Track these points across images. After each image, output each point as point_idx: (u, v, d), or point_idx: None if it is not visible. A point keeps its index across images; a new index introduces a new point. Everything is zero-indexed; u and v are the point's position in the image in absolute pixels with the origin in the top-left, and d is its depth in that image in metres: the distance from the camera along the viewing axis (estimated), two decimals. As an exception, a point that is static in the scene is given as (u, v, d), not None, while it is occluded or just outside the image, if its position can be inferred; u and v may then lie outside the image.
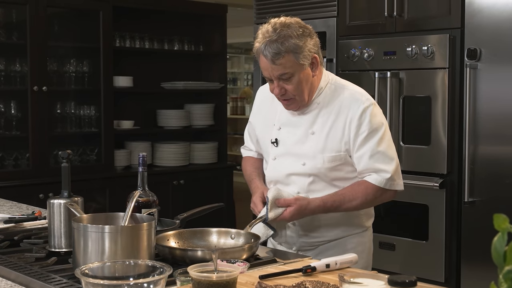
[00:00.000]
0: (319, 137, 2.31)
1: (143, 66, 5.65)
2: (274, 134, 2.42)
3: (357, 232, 2.41)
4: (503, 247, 1.01)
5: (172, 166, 5.59)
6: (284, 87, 2.24)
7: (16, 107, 4.86)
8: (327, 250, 2.36)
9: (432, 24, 3.77)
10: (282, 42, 2.17)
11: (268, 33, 2.21)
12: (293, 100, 2.29)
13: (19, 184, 4.61)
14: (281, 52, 2.17)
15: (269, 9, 4.64)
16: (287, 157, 2.37)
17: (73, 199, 2.01)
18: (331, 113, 2.32)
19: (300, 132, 2.35)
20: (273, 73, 2.22)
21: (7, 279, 1.81)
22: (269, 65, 2.21)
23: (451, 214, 3.71)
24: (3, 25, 4.90)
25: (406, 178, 3.77)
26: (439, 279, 3.65)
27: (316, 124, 2.33)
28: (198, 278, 1.66)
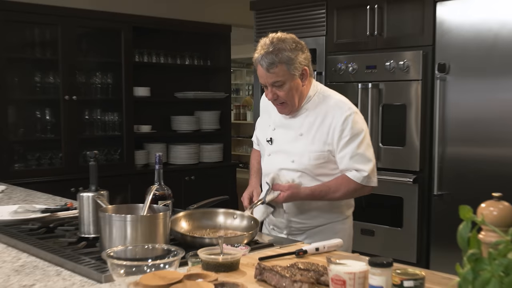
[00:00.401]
0: (306, 138, 2.32)
1: (159, 78, 5.65)
2: (269, 134, 2.44)
3: (339, 219, 2.42)
4: (467, 233, 1.02)
5: (184, 164, 5.60)
6: (276, 93, 2.26)
7: (50, 114, 4.86)
8: (314, 235, 2.36)
9: (408, 42, 3.78)
10: (277, 54, 2.20)
11: (265, 45, 2.24)
12: (285, 105, 2.31)
13: (53, 180, 4.61)
14: (275, 63, 2.20)
15: (267, 29, 4.60)
16: (279, 154, 2.38)
17: (100, 193, 2.02)
18: (317, 118, 2.32)
19: (291, 133, 2.36)
20: (267, 80, 2.25)
21: (44, 260, 1.83)
22: (264, 73, 2.23)
23: (422, 205, 3.72)
24: (39, 43, 4.90)
25: (384, 175, 3.81)
26: (412, 260, 3.66)
27: (304, 126, 2.34)
28: (207, 259, 1.67)
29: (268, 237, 2.17)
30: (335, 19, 4.19)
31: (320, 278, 1.54)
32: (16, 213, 2.42)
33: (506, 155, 3.34)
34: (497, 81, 3.37)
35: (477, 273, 0.94)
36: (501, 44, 3.34)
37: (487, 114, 3.42)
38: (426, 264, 3.64)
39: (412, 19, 3.77)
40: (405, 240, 3.77)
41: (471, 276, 0.95)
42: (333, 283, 1.41)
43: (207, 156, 5.83)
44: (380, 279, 1.33)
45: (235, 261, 1.69)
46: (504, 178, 3.31)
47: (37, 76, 4.83)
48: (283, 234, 2.40)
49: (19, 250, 1.95)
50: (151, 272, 1.48)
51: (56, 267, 1.76)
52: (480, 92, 3.44)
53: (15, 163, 4.70)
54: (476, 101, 3.46)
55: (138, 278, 1.47)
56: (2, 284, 1.60)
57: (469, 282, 0.95)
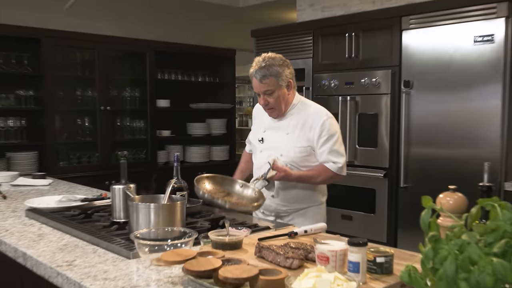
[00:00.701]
0: (291, 136, 2.36)
1: (177, 92, 5.65)
2: (260, 135, 2.49)
3: (316, 204, 2.44)
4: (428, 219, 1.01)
5: (197, 162, 5.60)
6: (267, 100, 2.32)
7: (88, 121, 4.87)
8: (296, 217, 2.40)
9: (379, 63, 3.78)
10: (268, 68, 2.28)
11: (259, 62, 2.31)
12: (274, 110, 2.37)
13: (91, 175, 4.61)
14: (267, 75, 2.27)
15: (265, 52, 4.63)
16: (270, 150, 2.40)
17: (128, 185, 2.01)
18: (300, 120, 2.36)
19: (279, 133, 2.40)
20: (260, 89, 2.31)
21: (83, 240, 1.82)
22: (258, 83, 2.31)
23: (391, 196, 3.72)
24: (79, 63, 4.90)
25: (360, 170, 3.82)
26: (383, 240, 3.66)
27: (290, 127, 2.38)
28: (215, 240, 1.66)
29: (265, 222, 2.16)
30: (320, 44, 4.19)
31: (308, 255, 1.54)
32: (61, 202, 2.41)
33: (459, 154, 3.34)
34: (451, 95, 3.37)
35: (436, 251, 0.94)
36: (455, 64, 3.34)
37: (443, 121, 3.41)
38: (394, 244, 3.63)
39: (382, 44, 3.76)
40: (377, 224, 3.77)
41: (431, 254, 0.94)
42: (319, 259, 1.41)
43: (216, 155, 5.83)
44: (357, 256, 1.33)
45: (239, 241, 1.68)
46: (458, 173, 3.31)
47: (78, 91, 4.84)
48: (272, 217, 2.42)
49: (63, 232, 1.95)
50: (170, 250, 1.48)
51: (93, 246, 1.75)
52: (437, 103, 3.44)
53: (60, 161, 4.70)
54: (434, 110, 3.45)
55: (159, 255, 1.47)
56: (49, 259, 1.59)
57: (430, 258, 0.95)
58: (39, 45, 4.44)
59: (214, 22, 6.21)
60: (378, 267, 1.38)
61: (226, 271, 1.28)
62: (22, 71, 4.47)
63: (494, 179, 3.15)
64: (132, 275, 1.45)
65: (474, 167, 3.23)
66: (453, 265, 0.89)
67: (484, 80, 3.21)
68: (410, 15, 3.58)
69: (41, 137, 4.54)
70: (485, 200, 0.99)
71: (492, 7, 3.17)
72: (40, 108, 4.49)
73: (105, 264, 1.54)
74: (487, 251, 0.91)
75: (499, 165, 3.15)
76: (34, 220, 2.17)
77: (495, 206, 0.97)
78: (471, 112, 3.27)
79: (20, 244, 1.77)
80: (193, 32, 5.99)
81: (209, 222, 2.00)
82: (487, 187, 1.37)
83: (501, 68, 3.14)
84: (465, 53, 3.28)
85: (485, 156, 3.16)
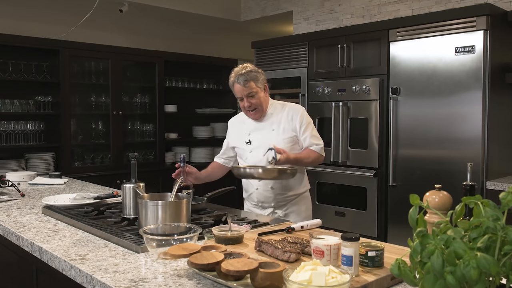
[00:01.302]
0: (277, 131, 2.41)
1: (184, 98, 5.64)
2: (246, 138, 2.49)
3: (303, 192, 2.50)
4: (416, 215, 1.00)
5: (202, 162, 5.55)
6: (250, 101, 2.37)
7: (102, 125, 4.86)
8: (292, 206, 2.45)
9: (368, 71, 3.77)
10: (247, 74, 2.36)
11: (238, 71, 2.38)
12: (257, 110, 2.41)
13: (104, 174, 4.60)
14: (248, 79, 2.35)
15: (264, 63, 4.64)
16: (260, 148, 2.41)
17: (138, 184, 2.00)
18: (281, 117, 2.43)
19: (264, 131, 2.44)
20: (243, 93, 2.36)
21: (95, 235, 1.80)
22: (241, 88, 2.35)
23: (381, 194, 3.70)
24: (94, 72, 4.90)
25: (352, 170, 3.80)
26: (374, 235, 3.64)
27: (274, 124, 2.43)
28: (218, 235, 1.65)
29: (264, 218, 2.14)
30: (314, 55, 4.18)
31: (305, 249, 1.52)
32: (75, 199, 2.39)
33: (443, 155, 3.32)
34: (435, 101, 3.35)
35: (424, 246, 0.93)
36: (438, 73, 3.33)
37: (428, 125, 3.40)
38: (384, 239, 3.61)
39: (372, 55, 3.75)
40: (368, 220, 3.75)
41: (419, 248, 0.93)
42: (314, 253, 1.39)
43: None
44: (350, 250, 1.31)
45: (240, 236, 1.66)
46: (443, 173, 3.29)
47: (93, 97, 4.82)
48: (271, 207, 2.44)
49: (77, 228, 1.93)
50: (177, 245, 1.46)
51: (104, 240, 1.73)
52: (423, 108, 3.42)
53: (75, 161, 4.68)
54: (420, 115, 3.44)
55: (166, 249, 1.45)
56: (62, 253, 1.57)
57: (418, 252, 0.93)
58: (58, 55, 4.44)
59: (218, 34, 6.21)
60: (369, 260, 1.36)
61: (228, 264, 1.26)
62: (41, 79, 4.46)
63: (477, 178, 3.14)
64: (141, 268, 1.43)
65: (458, 167, 3.21)
66: (439, 259, 0.88)
67: (466, 87, 3.19)
68: (397, 28, 3.57)
69: (57, 140, 4.52)
70: (468, 198, 0.98)
71: (472, 20, 3.16)
72: (57, 113, 4.48)
73: (116, 258, 1.52)
74: (471, 246, 0.90)
75: (481, 166, 3.13)
76: (50, 217, 2.15)
77: (478, 204, 0.96)
78: (454, 116, 3.25)
79: (37, 239, 1.75)
80: (199, 43, 5.99)
81: (212, 218, 1.98)
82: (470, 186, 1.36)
83: (481, 76, 3.12)
84: (448, 63, 3.27)
85: (467, 157, 3.15)
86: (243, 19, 5.77)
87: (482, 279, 0.85)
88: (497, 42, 3.17)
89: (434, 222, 1.13)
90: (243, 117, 2.53)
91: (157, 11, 5.24)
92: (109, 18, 5.18)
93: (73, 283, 1.47)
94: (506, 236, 0.90)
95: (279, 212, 2.45)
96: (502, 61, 3.29)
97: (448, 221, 0.99)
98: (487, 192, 3.12)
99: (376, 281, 1.28)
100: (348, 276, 1.14)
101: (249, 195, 2.52)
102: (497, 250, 0.89)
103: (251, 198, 2.51)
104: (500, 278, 0.92)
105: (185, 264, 1.43)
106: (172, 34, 5.73)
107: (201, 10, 5.38)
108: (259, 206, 2.47)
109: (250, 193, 2.50)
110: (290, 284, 1.11)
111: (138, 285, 1.28)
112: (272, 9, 5.40)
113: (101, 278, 1.33)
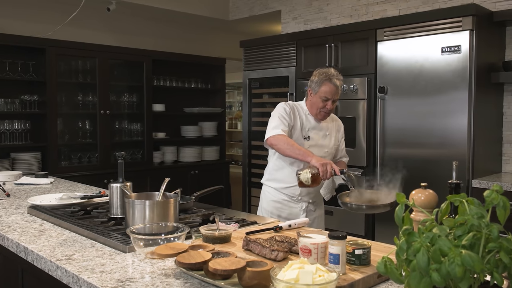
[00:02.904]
0: (331, 137, 2.55)
1: (172, 97, 5.62)
2: (305, 133, 2.49)
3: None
4: (402, 213, 1.00)
5: (190, 162, 5.55)
6: (331, 105, 2.43)
7: (89, 124, 4.82)
8: (318, 203, 2.65)
9: (356, 71, 3.78)
10: (343, 81, 2.47)
11: (337, 74, 2.42)
12: (327, 114, 2.49)
13: (91, 174, 4.57)
14: (341, 86, 2.43)
15: (252, 62, 4.63)
16: (316, 147, 2.48)
17: (125, 183, 1.98)
18: (332, 126, 2.58)
19: (321, 133, 2.52)
20: (334, 96, 2.41)
21: (82, 235, 1.79)
22: (335, 90, 2.40)
23: (368, 192, 3.71)
24: (81, 71, 4.85)
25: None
26: (361, 233, 3.65)
27: (328, 129, 2.55)
28: (206, 234, 1.64)
29: (253, 217, 2.14)
30: (302, 54, 4.18)
31: (292, 247, 1.52)
32: (61, 199, 2.37)
33: (429, 154, 3.35)
34: (422, 100, 3.38)
35: (410, 244, 0.93)
36: (425, 72, 3.35)
37: (414, 124, 3.42)
38: (372, 237, 3.63)
39: (359, 54, 3.77)
40: (356, 218, 3.76)
41: (405, 246, 0.94)
42: (302, 251, 1.39)
43: (208, 155, 5.79)
44: (337, 248, 1.31)
45: (228, 235, 1.66)
46: (429, 172, 3.32)
47: (80, 96, 4.78)
48: (307, 202, 2.53)
49: (63, 228, 1.91)
50: (164, 244, 1.45)
51: (91, 240, 1.72)
52: (409, 107, 3.45)
53: (61, 161, 4.64)
54: (406, 114, 3.46)
55: (153, 248, 1.44)
56: (48, 254, 1.55)
57: (404, 250, 0.94)
58: (44, 54, 4.39)
59: (206, 33, 6.20)
60: (356, 258, 1.37)
61: (215, 263, 1.26)
62: (27, 78, 4.41)
63: (463, 177, 3.17)
64: (128, 268, 1.42)
65: (444, 166, 3.24)
66: (425, 257, 0.88)
67: (452, 87, 3.22)
68: (384, 28, 3.59)
69: (44, 139, 4.47)
70: (453, 196, 0.99)
71: (458, 20, 3.19)
72: (43, 112, 4.43)
73: (103, 258, 1.51)
74: (456, 243, 0.90)
75: (467, 164, 3.17)
76: (36, 217, 2.12)
77: (463, 202, 0.96)
78: (440, 115, 3.28)
79: (22, 239, 1.73)
80: (187, 42, 5.97)
81: (200, 218, 1.97)
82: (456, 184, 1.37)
83: (467, 76, 3.15)
84: (434, 62, 3.30)
85: (454, 156, 3.18)
86: (232, 18, 5.75)
87: (466, 276, 0.86)
88: (482, 42, 3.21)
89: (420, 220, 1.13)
90: (299, 109, 2.49)
91: (145, 10, 5.21)
92: (96, 17, 5.14)
93: (59, 283, 1.45)
94: (490, 233, 0.91)
95: (311, 206, 2.56)
96: (488, 61, 3.33)
97: (434, 219, 0.99)
98: (473, 190, 3.16)
99: (362, 279, 1.29)
100: (335, 274, 1.14)
101: (287, 187, 2.49)
102: (481, 248, 0.90)
103: (289, 190, 2.49)
104: (485, 275, 0.92)
105: (173, 264, 1.42)
106: (160, 33, 5.70)
107: (189, 9, 5.36)
108: (297, 199, 2.51)
109: (291, 185, 2.47)
110: (277, 282, 1.11)
111: (125, 285, 1.27)
112: (260, 8, 5.40)
113: (87, 278, 1.32)
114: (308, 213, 2.52)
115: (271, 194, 2.55)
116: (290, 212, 2.50)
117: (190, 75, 5.77)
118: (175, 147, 5.56)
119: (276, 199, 2.53)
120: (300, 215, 2.49)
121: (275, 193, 2.53)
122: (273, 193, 2.54)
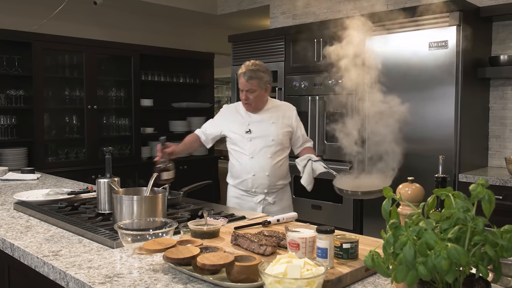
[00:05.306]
0: (277, 125, 2.53)
1: (160, 92, 5.58)
2: (245, 128, 2.54)
3: (288, 181, 2.66)
4: (389, 207, 1.01)
5: (179, 157, 5.50)
6: (248, 96, 2.47)
7: (76, 119, 4.77)
8: (280, 193, 2.57)
9: (344, 66, 3.78)
10: (255, 72, 2.45)
11: (249, 65, 2.48)
12: (250, 105, 2.50)
13: (78, 169, 4.53)
14: (252, 77, 2.44)
15: (240, 57, 4.61)
16: (260, 138, 2.50)
17: (113, 179, 1.97)
18: (279, 113, 2.57)
19: (264, 124, 2.54)
20: (245, 87, 2.46)
21: (69, 231, 1.77)
22: (244, 82, 2.45)
23: (356, 187, 3.73)
24: (68, 66, 4.80)
25: (330, 164, 3.80)
26: (349, 228, 3.68)
27: (273, 118, 2.54)
28: (194, 229, 1.64)
29: (241, 212, 2.14)
30: (291, 49, 4.18)
31: (280, 242, 1.53)
32: (48, 195, 2.34)
33: (416, 148, 3.37)
34: (410, 95, 3.39)
35: (397, 237, 0.94)
36: (413, 68, 3.37)
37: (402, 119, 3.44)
38: (360, 231, 3.65)
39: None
40: (344, 212, 3.78)
41: (392, 240, 0.94)
42: (290, 246, 1.39)
43: (196, 151, 5.78)
44: (325, 243, 1.32)
45: (216, 230, 1.66)
46: (415, 166, 3.34)
47: (67, 91, 4.73)
48: (263, 194, 2.50)
49: (50, 224, 1.89)
50: (152, 240, 1.44)
51: (78, 236, 1.70)
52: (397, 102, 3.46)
53: (48, 156, 4.59)
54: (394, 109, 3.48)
55: (141, 244, 1.44)
56: (35, 250, 1.54)
57: (391, 244, 0.94)
58: (30, 48, 4.33)
59: (194, 28, 6.16)
60: (344, 252, 1.38)
61: (204, 258, 1.25)
62: (12, 72, 4.35)
63: (449, 171, 3.20)
64: (116, 263, 1.41)
65: (431, 160, 3.27)
66: (411, 250, 0.89)
67: (439, 82, 3.25)
68: (372, 23, 3.60)
69: (30, 134, 4.42)
70: (440, 190, 0.99)
71: (445, 16, 3.20)
72: (30, 107, 4.38)
73: (90, 254, 1.50)
74: (443, 237, 0.91)
75: (453, 158, 3.20)
76: (22, 213, 2.10)
77: (449, 196, 0.97)
78: (427, 110, 3.30)
79: (8, 236, 1.71)
80: (175, 37, 5.93)
81: (188, 213, 1.97)
82: (442, 178, 1.38)
83: (454, 71, 3.18)
84: (422, 57, 3.32)
85: (440, 150, 3.20)
86: (220, 13, 5.73)
87: (452, 269, 0.87)
88: (469, 38, 3.23)
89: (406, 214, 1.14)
90: (239, 108, 2.60)
91: (132, 4, 5.16)
92: (83, 11, 5.07)
93: (46, 280, 1.44)
94: (475, 227, 0.92)
95: (269, 199, 2.53)
96: (474, 56, 3.36)
97: (420, 212, 1.00)
98: (459, 184, 3.19)
99: (350, 273, 1.30)
100: (323, 268, 1.15)
101: (241, 181, 2.53)
102: (467, 241, 0.91)
103: (243, 184, 2.52)
104: (470, 268, 0.93)
105: (161, 259, 1.42)
106: (148, 28, 5.66)
107: (177, 3, 5.32)
108: (251, 192, 2.52)
109: (243, 179, 2.51)
110: (265, 277, 1.11)
111: (113, 280, 1.26)
112: (248, 3, 5.37)
113: (74, 274, 1.31)
114: (267, 206, 2.52)
115: (231, 191, 2.61)
116: (249, 206, 2.52)
117: (179, 70, 5.74)
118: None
119: (235, 195, 2.58)
120: (257, 209, 2.50)
121: (234, 189, 2.60)
122: (232, 189, 2.61)
